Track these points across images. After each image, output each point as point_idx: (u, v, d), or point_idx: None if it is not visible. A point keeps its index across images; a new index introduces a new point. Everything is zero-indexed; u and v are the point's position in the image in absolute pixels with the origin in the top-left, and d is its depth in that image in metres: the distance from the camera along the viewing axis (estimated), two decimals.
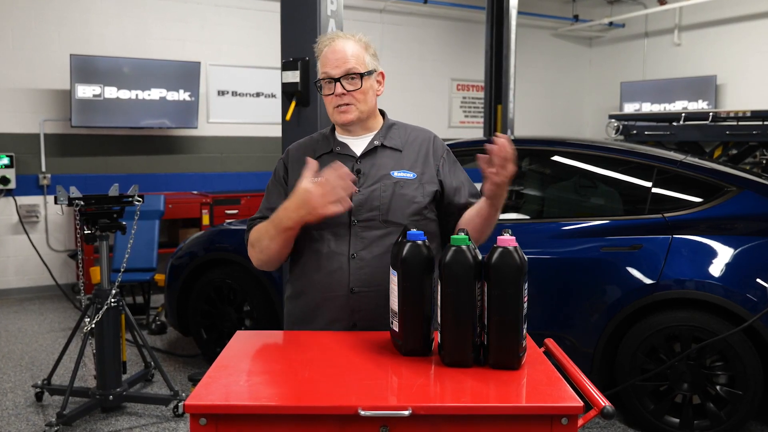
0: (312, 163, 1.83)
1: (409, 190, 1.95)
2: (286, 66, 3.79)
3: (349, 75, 1.92)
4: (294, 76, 3.75)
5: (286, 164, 2.06)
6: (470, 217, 1.95)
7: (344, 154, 1.98)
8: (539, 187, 4.15)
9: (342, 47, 1.93)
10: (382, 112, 2.08)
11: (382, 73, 2.02)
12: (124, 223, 3.74)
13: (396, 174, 1.96)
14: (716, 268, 3.26)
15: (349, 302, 1.90)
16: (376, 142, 2.00)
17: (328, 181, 1.76)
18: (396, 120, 2.09)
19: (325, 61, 1.94)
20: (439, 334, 1.60)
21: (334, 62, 1.92)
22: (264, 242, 1.93)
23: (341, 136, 2.03)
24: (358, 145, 2.00)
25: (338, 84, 1.92)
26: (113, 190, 3.82)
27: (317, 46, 1.99)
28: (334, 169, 1.77)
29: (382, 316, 1.75)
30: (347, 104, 1.93)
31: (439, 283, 1.58)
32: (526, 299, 1.54)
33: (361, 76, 1.93)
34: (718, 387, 3.25)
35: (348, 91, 1.92)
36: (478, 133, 8.91)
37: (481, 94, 8.63)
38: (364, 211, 1.91)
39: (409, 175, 1.97)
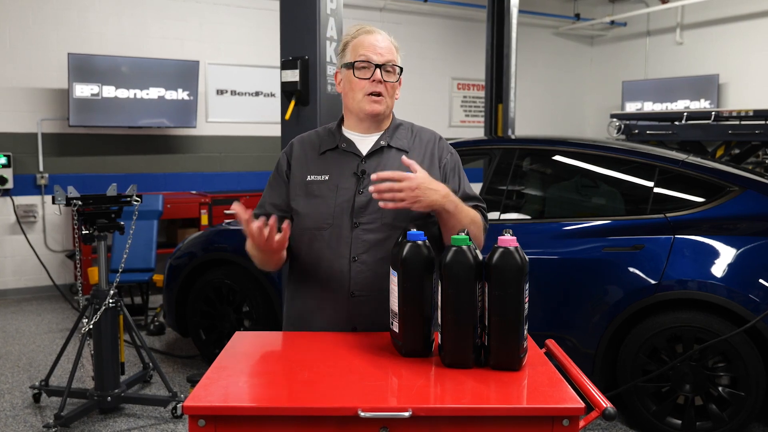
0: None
1: None
2: (285, 65, 3.79)
3: (389, 65, 1.92)
4: (293, 75, 3.74)
5: (289, 159, 2.01)
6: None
7: (349, 152, 1.95)
8: (540, 187, 4.13)
9: (383, 39, 1.95)
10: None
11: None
12: (122, 223, 3.73)
13: None
14: (718, 269, 3.24)
15: (348, 306, 1.86)
16: (383, 143, 1.96)
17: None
18: (402, 120, 2.06)
19: (364, 45, 1.92)
20: (439, 335, 1.59)
21: (377, 49, 1.91)
22: (252, 251, 1.88)
23: (349, 132, 1.99)
24: (364, 143, 1.96)
25: (378, 70, 1.90)
26: (111, 190, 3.80)
27: (349, 33, 1.97)
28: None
29: (383, 320, 1.72)
30: (380, 94, 1.92)
31: (440, 284, 1.56)
32: (527, 300, 1.53)
33: (400, 69, 1.95)
34: (720, 388, 3.23)
35: (384, 81, 1.91)
36: (478, 133, 8.90)
37: (482, 93, 8.60)
38: (366, 213, 1.87)
39: None
